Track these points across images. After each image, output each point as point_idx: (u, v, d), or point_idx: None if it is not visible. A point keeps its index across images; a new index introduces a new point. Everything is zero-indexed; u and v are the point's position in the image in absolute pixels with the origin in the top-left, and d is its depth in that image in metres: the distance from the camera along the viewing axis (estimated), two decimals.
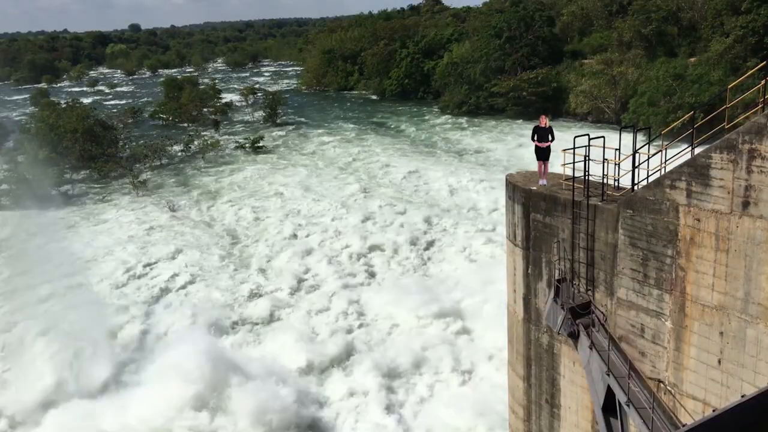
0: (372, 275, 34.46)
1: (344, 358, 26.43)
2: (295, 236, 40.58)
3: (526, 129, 59.63)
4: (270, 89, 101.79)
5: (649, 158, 13.02)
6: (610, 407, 12.75)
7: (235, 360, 26.01)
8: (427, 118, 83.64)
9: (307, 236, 40.39)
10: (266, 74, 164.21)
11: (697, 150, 11.62)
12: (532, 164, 16.96)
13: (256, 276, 35.08)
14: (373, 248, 37.49)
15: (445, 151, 63.59)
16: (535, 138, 15.69)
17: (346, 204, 46.26)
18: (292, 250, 38.19)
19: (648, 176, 12.80)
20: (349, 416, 22.81)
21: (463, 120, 78.80)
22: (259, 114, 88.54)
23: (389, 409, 22.84)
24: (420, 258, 36.22)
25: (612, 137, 13.24)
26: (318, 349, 26.73)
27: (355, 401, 23.55)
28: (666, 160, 12.44)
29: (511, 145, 62.50)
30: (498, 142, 65.37)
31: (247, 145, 68.23)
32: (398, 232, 39.45)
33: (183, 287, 33.99)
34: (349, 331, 28.39)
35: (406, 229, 39.90)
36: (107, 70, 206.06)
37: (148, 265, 36.84)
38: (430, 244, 37.93)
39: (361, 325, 28.96)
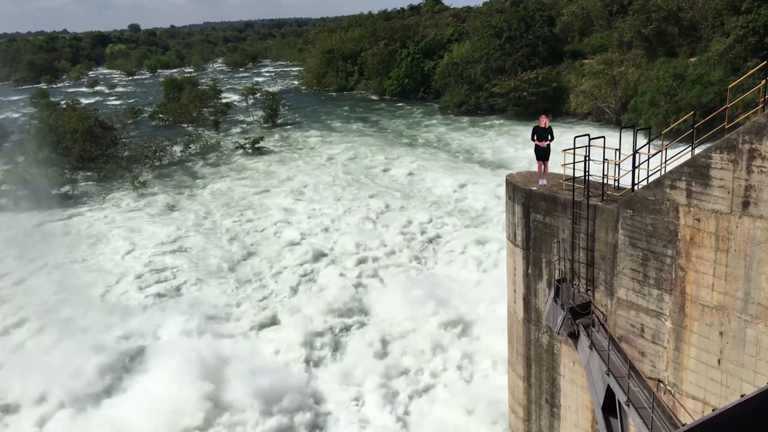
0: (372, 274, 34.43)
1: (343, 356, 26.44)
2: (294, 235, 40.57)
3: (526, 129, 59.62)
4: (270, 89, 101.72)
5: (649, 158, 13.04)
6: (610, 407, 12.76)
7: (233, 357, 26.05)
8: (426, 118, 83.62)
9: (307, 235, 40.38)
10: (266, 74, 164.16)
11: (697, 150, 11.63)
12: (532, 164, 16.96)
13: (255, 274, 35.08)
14: (373, 247, 37.48)
15: (446, 151, 63.59)
16: (535, 138, 15.71)
17: (347, 203, 46.30)
18: (291, 248, 38.24)
19: (648, 176, 12.82)
20: (348, 415, 22.80)
21: (463, 120, 78.78)
22: (259, 114, 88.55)
23: (389, 408, 22.84)
24: (421, 257, 36.21)
25: (612, 137, 13.26)
26: (317, 347, 26.78)
27: (354, 400, 23.54)
28: (666, 160, 12.45)
29: (510, 145, 62.53)
30: (497, 142, 65.32)
31: (247, 145, 68.23)
32: (399, 231, 39.46)
33: (181, 285, 34.03)
34: (349, 330, 28.40)
35: (407, 229, 39.94)
36: (107, 71, 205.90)
37: (147, 263, 36.90)
38: (431, 244, 37.93)
39: (360, 324, 28.96)
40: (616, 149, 13.15)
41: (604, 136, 13.22)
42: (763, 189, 10.40)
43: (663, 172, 12.25)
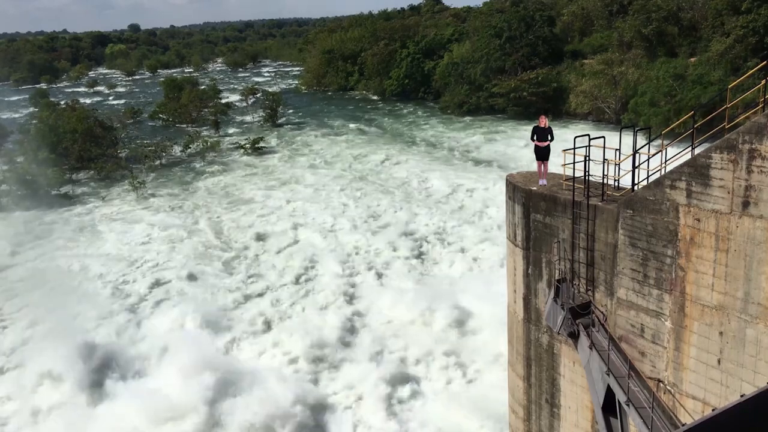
0: (372, 275, 34.44)
1: (344, 357, 26.42)
2: (294, 235, 40.59)
3: (526, 129, 59.59)
4: (270, 89, 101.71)
5: (649, 158, 13.03)
6: (609, 407, 12.76)
7: (233, 357, 26.08)
8: (426, 118, 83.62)
9: (307, 235, 40.38)
10: (266, 74, 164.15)
11: (697, 150, 11.63)
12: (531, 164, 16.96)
13: (255, 274, 35.07)
14: (373, 248, 37.50)
15: (446, 150, 63.59)
16: (535, 138, 15.71)
17: (346, 203, 46.30)
18: (291, 248, 38.27)
19: (648, 176, 12.81)
20: (349, 416, 22.80)
21: (463, 120, 78.79)
22: (259, 114, 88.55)
23: (389, 408, 22.84)
24: (421, 258, 36.22)
25: (612, 137, 13.26)
26: (317, 347, 26.73)
27: (354, 401, 23.54)
28: (666, 160, 12.45)
29: (510, 145, 62.56)
30: (497, 142, 65.33)
31: (247, 145, 68.25)
32: (399, 231, 39.46)
33: (180, 284, 34.03)
34: (349, 330, 28.37)
35: (406, 227, 39.95)
36: (107, 71, 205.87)
37: (147, 262, 36.94)
38: (431, 244, 37.93)
39: (361, 324, 28.94)
40: (616, 149, 13.15)
41: (604, 136, 13.22)
42: (763, 189, 10.40)
43: (663, 172, 12.24)
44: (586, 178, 13.38)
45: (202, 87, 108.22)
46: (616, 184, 13.80)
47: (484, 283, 30.79)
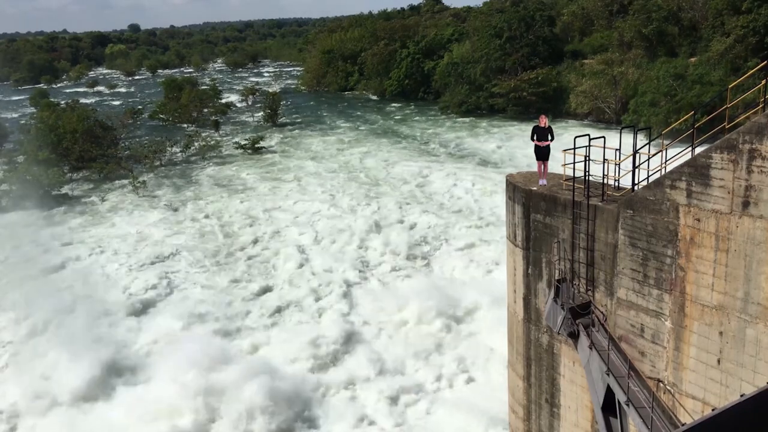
0: (372, 275, 34.45)
1: (343, 357, 26.42)
2: (294, 234, 40.59)
3: (526, 129, 59.57)
4: (270, 90, 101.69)
5: (649, 158, 13.06)
6: (609, 407, 12.77)
7: (232, 357, 26.09)
8: (426, 118, 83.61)
9: (307, 235, 40.37)
10: (266, 75, 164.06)
11: (698, 150, 11.64)
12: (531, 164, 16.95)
13: (255, 274, 35.08)
14: (373, 247, 37.49)
15: (446, 150, 63.57)
16: (535, 138, 15.73)
17: (346, 203, 46.28)
18: (291, 248, 38.22)
19: (648, 176, 12.83)
20: (348, 416, 22.79)
21: (462, 120, 78.78)
22: (260, 114, 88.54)
23: (389, 409, 22.84)
24: (421, 257, 36.22)
25: (612, 137, 13.27)
26: (316, 348, 26.72)
27: (354, 401, 23.54)
28: (666, 160, 12.46)
29: (510, 145, 62.57)
30: (497, 142, 65.32)
31: (247, 145, 68.25)
32: (399, 231, 39.45)
33: (181, 284, 34.03)
34: (349, 331, 28.34)
35: (407, 229, 39.93)
36: (106, 71, 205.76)
37: (147, 263, 36.93)
38: (431, 244, 37.92)
39: (360, 325, 28.94)
40: (616, 149, 13.16)
41: (604, 136, 13.23)
42: (763, 189, 10.41)
43: (663, 172, 12.25)
44: (586, 178, 13.39)
45: (202, 87, 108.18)
46: (616, 184, 13.82)
47: (484, 283, 30.81)
